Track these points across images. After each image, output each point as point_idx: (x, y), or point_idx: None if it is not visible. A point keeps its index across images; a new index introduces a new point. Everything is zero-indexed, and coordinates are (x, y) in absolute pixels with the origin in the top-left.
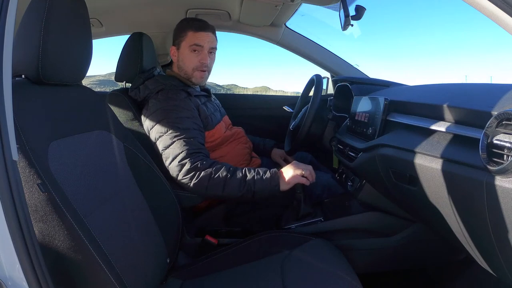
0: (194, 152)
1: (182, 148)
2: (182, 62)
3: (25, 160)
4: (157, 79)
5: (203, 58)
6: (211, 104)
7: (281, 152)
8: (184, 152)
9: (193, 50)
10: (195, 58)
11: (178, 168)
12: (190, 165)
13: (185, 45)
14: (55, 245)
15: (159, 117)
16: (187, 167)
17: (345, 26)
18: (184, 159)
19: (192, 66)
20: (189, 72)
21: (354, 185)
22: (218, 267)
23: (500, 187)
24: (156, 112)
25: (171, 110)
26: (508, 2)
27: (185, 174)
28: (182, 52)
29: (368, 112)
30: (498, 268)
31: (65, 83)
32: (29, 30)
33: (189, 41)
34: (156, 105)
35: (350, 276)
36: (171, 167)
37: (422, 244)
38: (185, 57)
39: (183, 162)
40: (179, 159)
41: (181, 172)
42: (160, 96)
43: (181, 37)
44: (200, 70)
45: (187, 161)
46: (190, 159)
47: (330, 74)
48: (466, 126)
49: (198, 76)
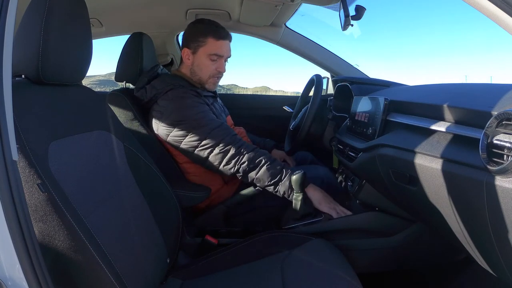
0: (233, 135)
1: (221, 136)
2: (198, 67)
3: (25, 160)
4: (164, 79)
5: (220, 67)
6: (218, 105)
7: (281, 153)
8: (225, 139)
9: (212, 59)
10: (212, 66)
11: (221, 155)
12: (235, 149)
13: (203, 52)
14: (55, 245)
15: (181, 116)
16: (232, 152)
17: (345, 26)
18: (227, 146)
19: (209, 73)
20: (204, 79)
21: (354, 185)
22: (218, 267)
23: (500, 187)
24: (174, 112)
25: (190, 107)
26: (508, 2)
27: (230, 159)
28: (198, 58)
29: (368, 112)
30: (498, 268)
31: (65, 83)
32: (29, 30)
33: (209, 49)
34: (170, 106)
35: (350, 276)
36: (213, 155)
37: (422, 244)
38: (202, 63)
39: (227, 148)
40: (221, 147)
41: (226, 158)
42: (171, 95)
43: (200, 42)
44: (215, 77)
45: (231, 147)
46: (233, 144)
47: (330, 74)
48: (466, 126)
49: (212, 82)
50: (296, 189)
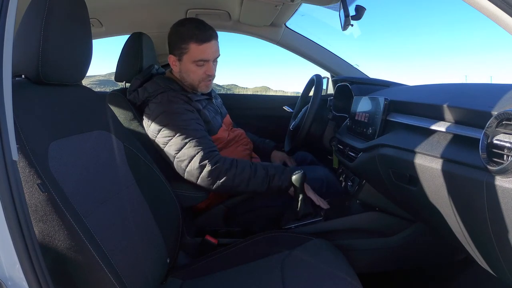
0: (210, 151)
1: (197, 149)
2: (186, 74)
3: (25, 160)
4: (157, 81)
5: (209, 70)
6: (212, 107)
7: (281, 154)
8: (201, 153)
9: (198, 64)
10: (200, 71)
11: (198, 171)
12: (211, 166)
13: (188, 59)
14: (55, 245)
15: (165, 121)
16: (208, 168)
17: (345, 26)
18: (202, 160)
19: (198, 78)
20: (195, 84)
21: (354, 185)
22: (218, 267)
23: (500, 187)
24: (160, 116)
25: (175, 113)
26: (508, 2)
27: (207, 176)
28: (185, 65)
29: (368, 112)
30: (498, 268)
31: (65, 83)
32: (29, 30)
33: (193, 55)
34: (158, 109)
35: (350, 276)
36: (189, 170)
37: (422, 244)
38: (189, 70)
39: (203, 164)
40: (198, 161)
41: (203, 174)
42: (161, 99)
43: (183, 49)
44: (206, 80)
45: (207, 162)
46: (209, 160)
47: (330, 74)
48: (466, 126)
49: (204, 86)
50: (297, 189)
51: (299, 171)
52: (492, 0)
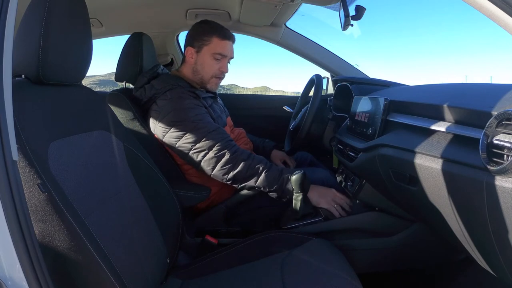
0: (228, 140)
1: (216, 139)
2: (200, 66)
3: (25, 160)
4: (164, 78)
5: (223, 67)
6: (217, 106)
7: (281, 154)
8: (220, 142)
9: (216, 58)
10: (216, 66)
11: (215, 160)
12: (230, 154)
13: (207, 51)
14: (55, 245)
15: (177, 117)
16: (227, 156)
17: (345, 26)
18: (222, 149)
19: (211, 73)
20: (206, 78)
21: (354, 185)
22: (218, 267)
23: (500, 187)
24: (172, 112)
25: (187, 108)
26: (508, 2)
27: (224, 163)
28: (202, 57)
29: (368, 112)
30: (498, 268)
31: (65, 83)
32: (29, 30)
33: (213, 48)
34: (168, 106)
35: (350, 276)
36: (206, 159)
37: (422, 244)
38: (205, 63)
39: (222, 153)
40: (217, 150)
41: (220, 163)
42: (170, 95)
43: (204, 41)
44: (217, 77)
45: (226, 151)
46: (228, 149)
47: (330, 74)
48: (466, 126)
49: (214, 83)
50: (296, 189)
51: (299, 171)
52: (492, 0)
